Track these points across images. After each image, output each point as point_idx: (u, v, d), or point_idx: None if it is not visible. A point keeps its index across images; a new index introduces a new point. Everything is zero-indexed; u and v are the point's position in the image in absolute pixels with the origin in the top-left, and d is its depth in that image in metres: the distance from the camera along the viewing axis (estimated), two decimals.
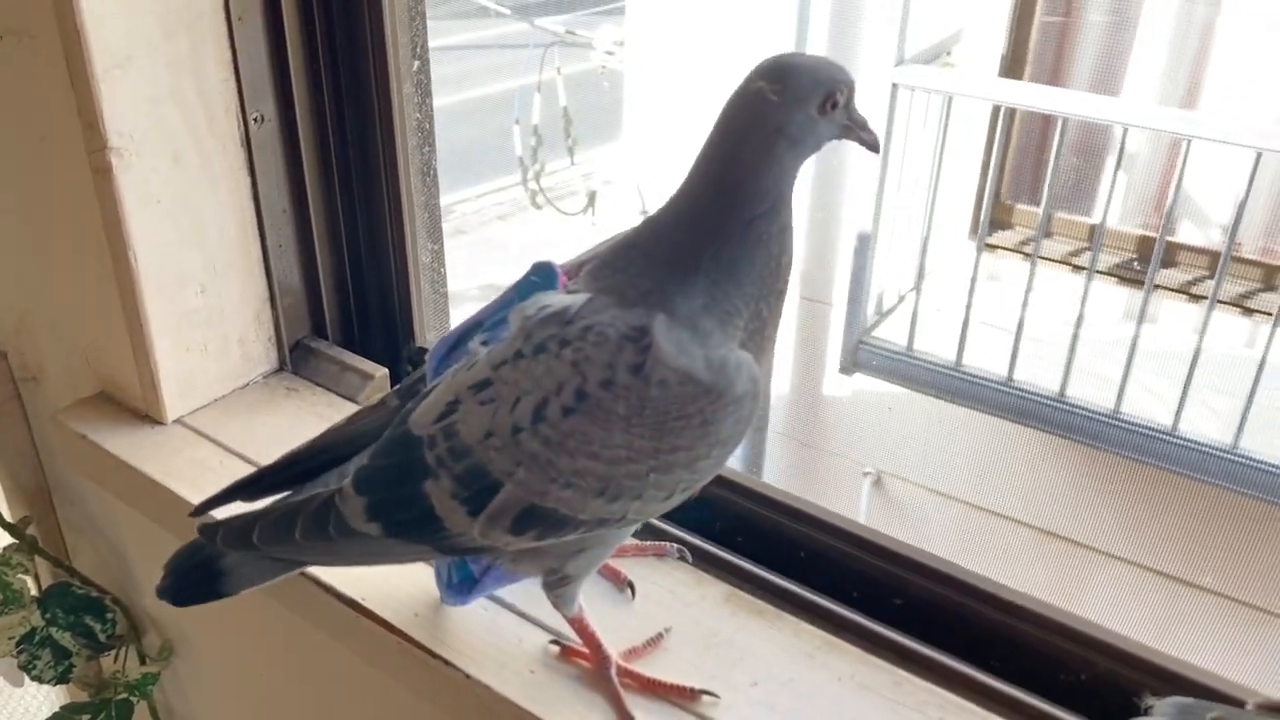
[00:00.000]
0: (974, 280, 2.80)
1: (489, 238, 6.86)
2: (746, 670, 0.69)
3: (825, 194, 3.30)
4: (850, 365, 3.04)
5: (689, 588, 0.76)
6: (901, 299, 3.10)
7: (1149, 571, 2.99)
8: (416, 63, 0.90)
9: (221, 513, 0.68)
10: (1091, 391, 2.78)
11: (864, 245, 2.94)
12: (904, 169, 2.93)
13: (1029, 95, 2.73)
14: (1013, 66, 3.00)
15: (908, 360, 2.95)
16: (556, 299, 0.61)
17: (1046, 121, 2.73)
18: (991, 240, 3.19)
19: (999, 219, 3.20)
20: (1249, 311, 2.87)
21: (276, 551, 0.66)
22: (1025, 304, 2.74)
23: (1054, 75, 3.04)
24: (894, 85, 2.76)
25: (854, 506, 3.55)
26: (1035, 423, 2.84)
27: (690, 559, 0.78)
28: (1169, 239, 3.05)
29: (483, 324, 0.65)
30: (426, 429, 0.61)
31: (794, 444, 3.69)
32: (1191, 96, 2.92)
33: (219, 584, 0.68)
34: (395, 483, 0.62)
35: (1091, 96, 2.81)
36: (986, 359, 2.89)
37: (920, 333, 2.96)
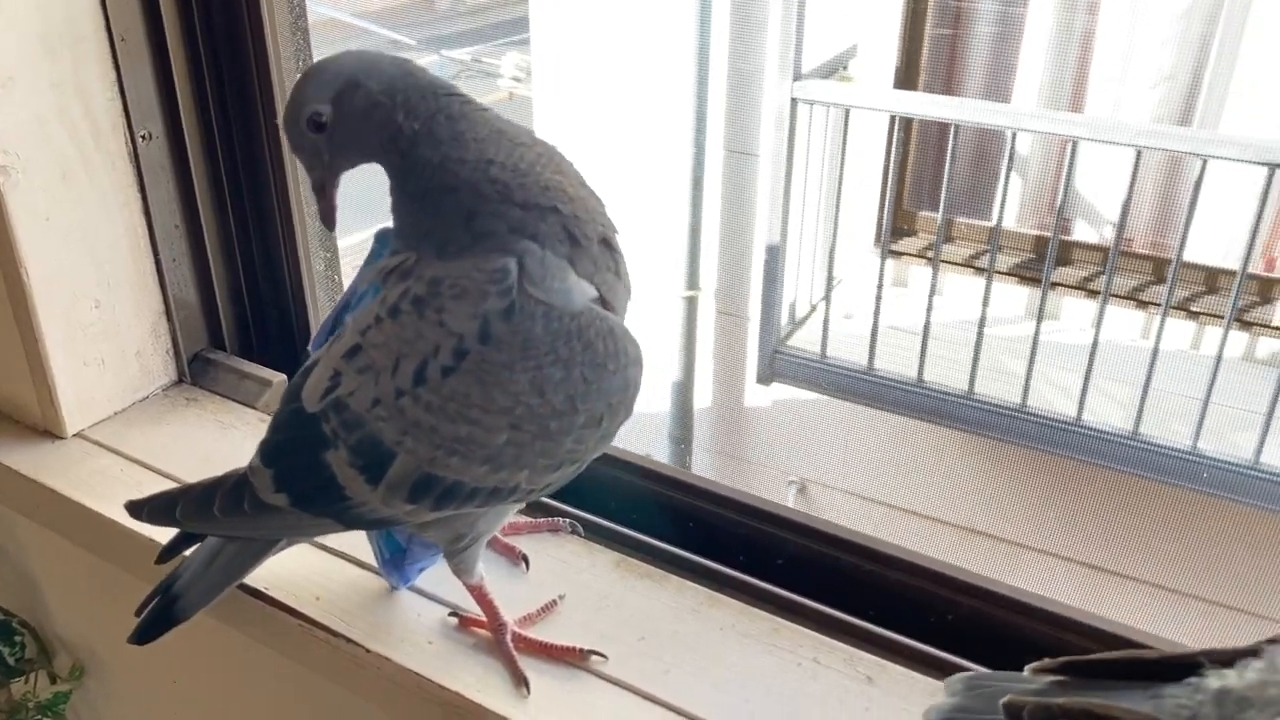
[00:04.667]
0: (880, 287, 2.89)
1: None
2: (635, 627, 0.73)
3: (736, 209, 3.39)
4: (767, 375, 3.11)
5: (581, 557, 0.79)
6: (813, 308, 3.18)
7: (1063, 560, 3.10)
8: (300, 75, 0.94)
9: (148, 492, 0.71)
10: (999, 388, 2.88)
11: (773, 257, 3.01)
12: (808, 181, 3.01)
13: (923, 105, 2.84)
14: (907, 78, 3.11)
15: (821, 367, 3.03)
16: (393, 260, 0.63)
17: (942, 130, 2.83)
18: (896, 247, 3.29)
19: (902, 226, 3.31)
20: (1143, 304, 3.00)
21: (196, 526, 0.68)
22: (930, 307, 2.83)
23: (947, 85, 3.16)
24: (793, 100, 2.85)
25: None
26: (947, 421, 2.93)
27: (583, 532, 0.81)
28: (1064, 238, 3.19)
29: (350, 303, 0.68)
30: (316, 405, 0.63)
31: (719, 457, 3.74)
32: (1077, 100, 3.06)
33: (174, 610, 0.71)
34: (297, 453, 0.64)
35: (982, 103, 2.93)
36: (897, 362, 2.98)
37: (832, 340, 3.03)
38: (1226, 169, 2.83)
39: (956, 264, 3.22)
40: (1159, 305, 2.87)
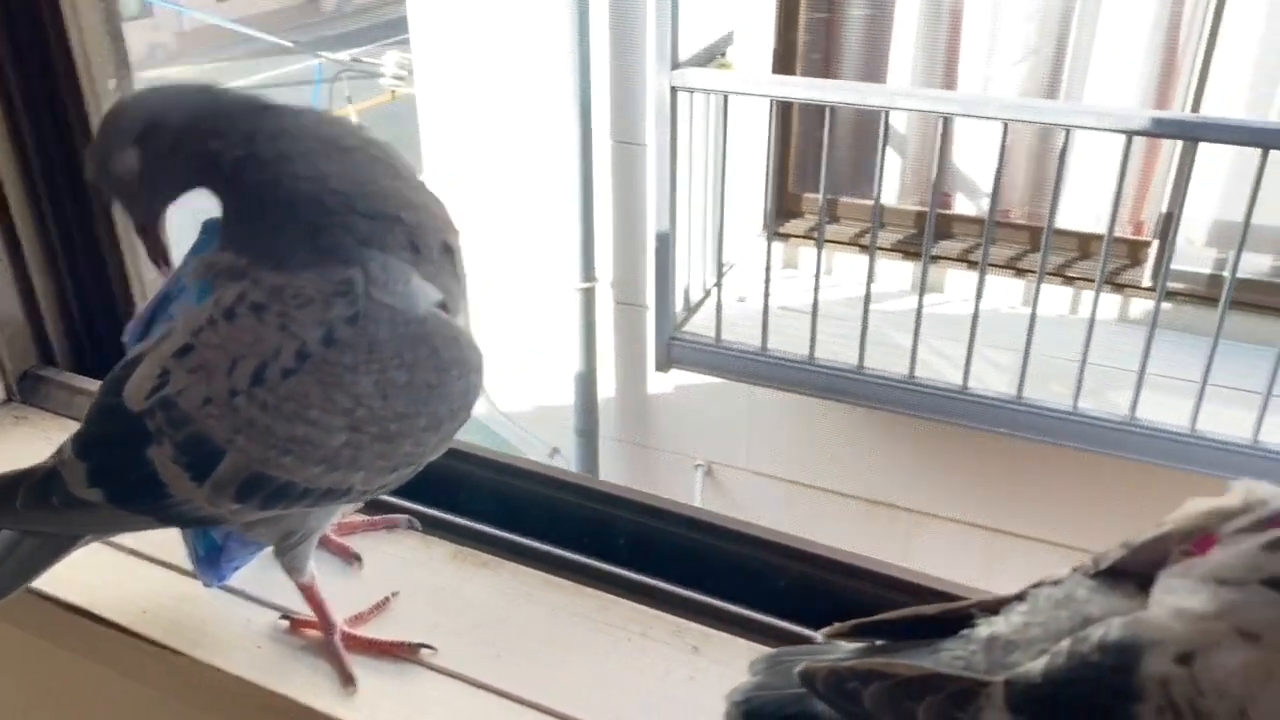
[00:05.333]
0: (768, 269, 2.93)
1: None
2: (468, 616, 0.74)
3: (627, 199, 3.40)
4: (665, 362, 3.13)
5: (418, 552, 0.80)
6: (707, 293, 3.21)
7: (961, 524, 3.19)
8: (114, 81, 0.92)
9: None
10: (888, 361, 2.94)
11: (664, 245, 3.04)
12: (693, 169, 3.04)
13: (800, 89, 2.89)
14: (784, 62, 3.16)
15: (717, 351, 3.06)
16: (222, 258, 0.63)
17: (821, 112, 2.88)
18: (784, 229, 3.35)
19: (789, 208, 3.36)
20: (1021, 272, 3.10)
21: None
22: (817, 287, 2.88)
23: (825, 68, 3.22)
24: (673, 89, 2.87)
25: (688, 498, 3.65)
26: (840, 396, 2.99)
27: (420, 527, 0.82)
28: (944, 212, 3.28)
29: (171, 292, 0.67)
30: (140, 404, 0.62)
31: (626, 446, 3.77)
32: (949, 77, 3.14)
33: None
34: (116, 448, 0.63)
35: (858, 85, 2.99)
36: (790, 342, 3.02)
37: (727, 324, 3.07)
38: (1092, 138, 2.94)
39: (843, 243, 3.29)
40: (1036, 272, 2.97)
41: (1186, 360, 2.65)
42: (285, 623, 0.73)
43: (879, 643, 0.59)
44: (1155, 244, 2.93)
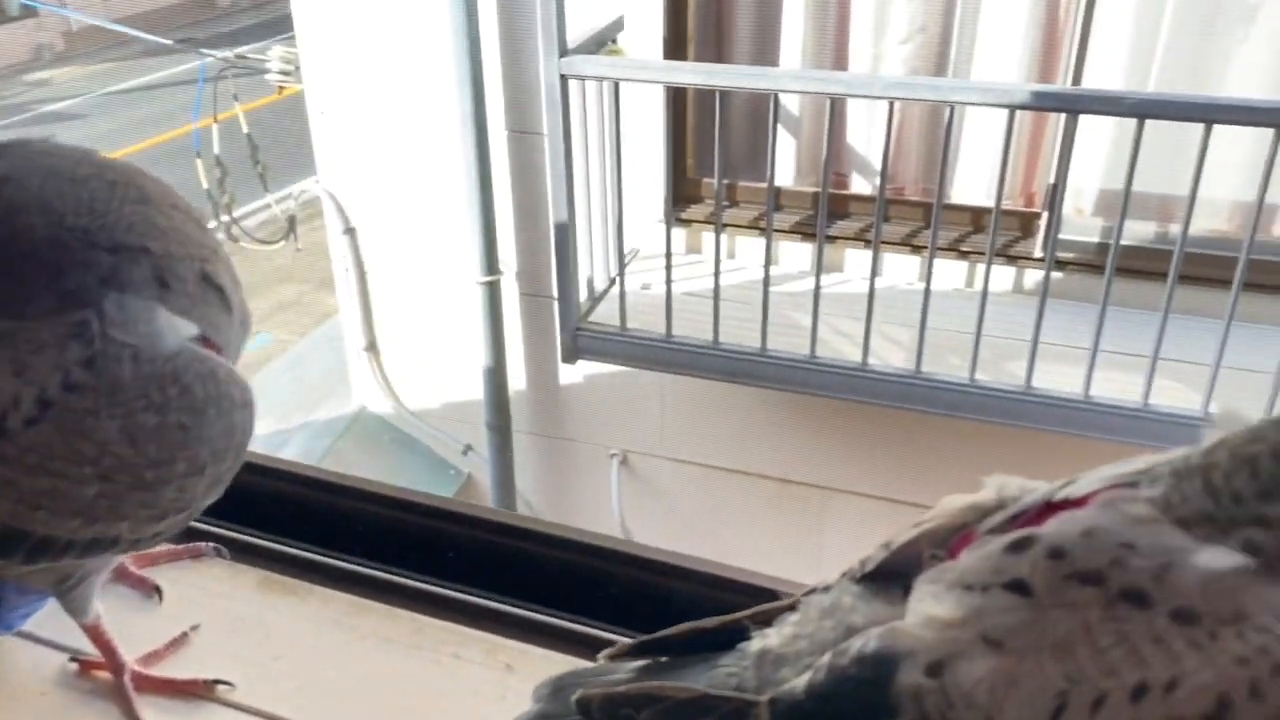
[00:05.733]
0: (668, 256, 2.92)
1: None
2: (271, 648, 0.71)
3: (526, 190, 3.37)
4: (572, 353, 3.11)
5: (222, 581, 0.76)
6: (612, 282, 3.19)
7: (868, 498, 3.23)
8: None
9: None
10: (791, 342, 2.95)
11: (564, 235, 3.01)
12: (589, 157, 3.01)
13: (689, 74, 2.87)
14: (676, 47, 3.14)
15: (623, 340, 3.04)
16: None
17: (717, 96, 2.87)
18: (685, 215, 3.34)
19: (689, 194, 3.35)
20: (917, 249, 3.13)
21: None
22: (717, 272, 2.88)
23: (717, 52, 3.21)
24: (563, 77, 2.83)
25: (605, 489, 3.64)
26: (746, 379, 3.00)
27: (227, 554, 0.78)
28: (841, 192, 3.30)
29: None
30: None
31: (540, 439, 3.74)
32: (840, 58, 3.15)
33: None
34: None
35: (747, 68, 2.99)
36: (695, 327, 3.02)
37: (632, 312, 3.05)
38: (981, 114, 2.98)
39: (743, 226, 3.29)
40: (940, 249, 3.01)
41: (1079, 328, 2.71)
42: (75, 665, 0.70)
43: (664, 659, 0.57)
44: (1045, 215, 2.97)
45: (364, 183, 3.58)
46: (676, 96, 3.19)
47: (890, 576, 0.51)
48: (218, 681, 0.67)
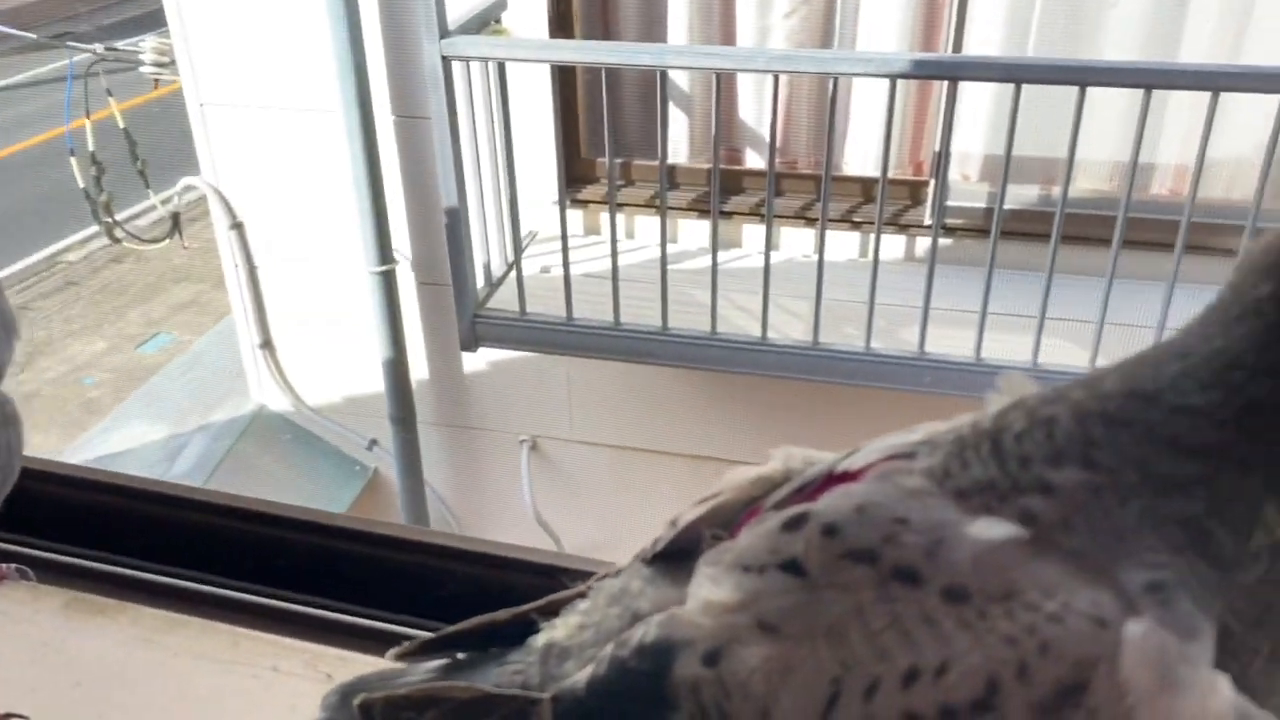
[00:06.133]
0: (564, 238, 2.88)
1: (107, 283, 6.34)
2: (73, 673, 0.67)
3: (417, 176, 3.30)
4: (471, 341, 3.06)
5: (24, 606, 0.72)
6: (510, 266, 3.15)
7: None
8: None
9: None
10: (692, 319, 2.95)
11: (455, 221, 2.95)
12: (478, 140, 2.96)
13: (570, 52, 2.84)
14: (561, 26, 3.10)
15: (523, 325, 3.01)
16: None
17: (607, 75, 2.83)
18: (581, 196, 3.31)
19: (584, 174, 3.32)
20: (812, 221, 3.14)
21: None
22: (614, 252, 2.86)
23: (604, 30, 3.18)
24: (445, 59, 2.77)
25: (515, 476, 3.60)
26: (649, 359, 2.99)
27: (32, 576, 0.74)
28: (736, 167, 3.30)
29: None
30: None
31: (447, 429, 3.68)
32: (727, 32, 3.14)
33: None
34: None
35: (630, 45, 2.96)
36: (597, 309, 2.99)
37: (533, 296, 3.02)
38: (869, 85, 3.00)
39: (640, 205, 3.27)
40: (831, 221, 3.02)
41: (971, 293, 2.74)
42: None
43: (464, 656, 0.55)
44: (933, 183, 3.00)
45: (249, 176, 3.48)
46: (565, 76, 3.16)
47: (682, 557, 0.49)
48: (11, 715, 0.63)
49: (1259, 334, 0.38)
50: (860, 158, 3.16)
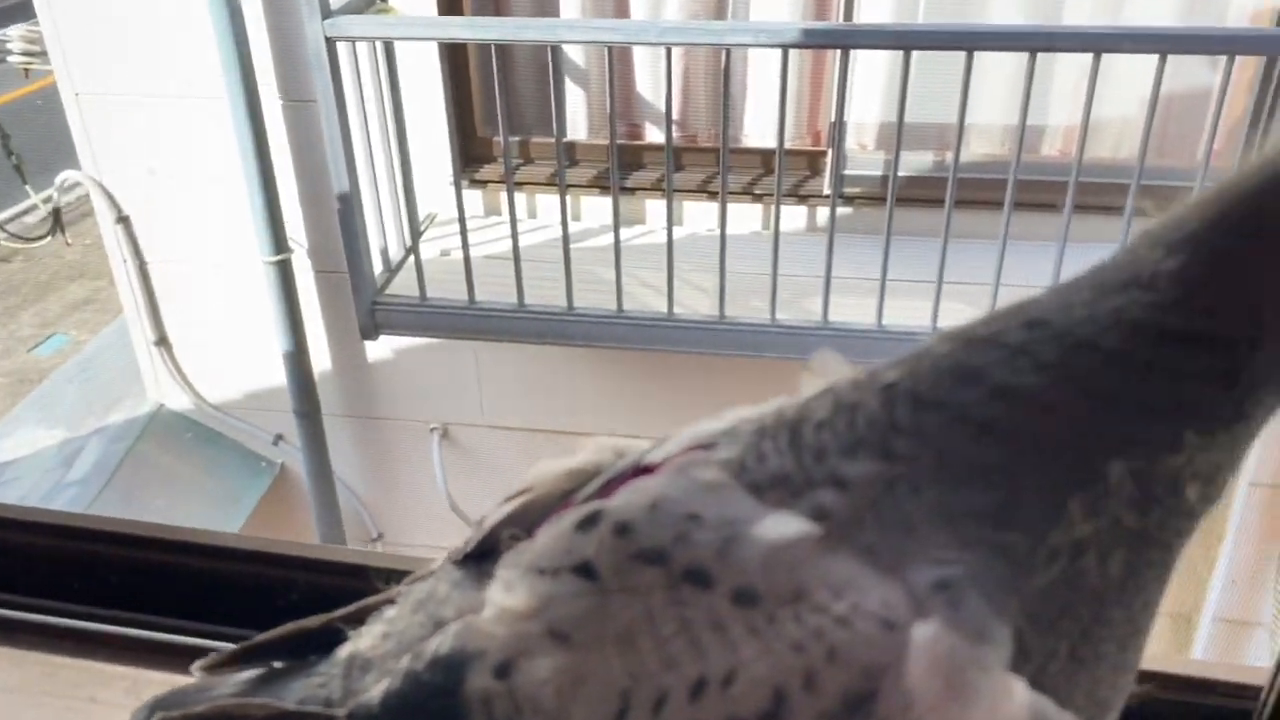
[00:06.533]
0: (462, 219, 2.82)
1: None
2: None
3: (308, 162, 3.20)
4: (371, 329, 2.99)
5: None
6: (409, 251, 3.07)
7: None
8: None
9: None
10: (598, 298, 2.92)
11: (348, 206, 2.87)
12: (369, 122, 2.88)
13: (458, 29, 2.77)
14: (451, 3, 3.02)
15: (424, 311, 2.94)
16: None
17: (500, 52, 2.77)
18: (480, 176, 3.24)
19: (481, 154, 3.26)
20: (714, 195, 3.12)
21: None
22: (514, 232, 2.81)
23: (495, 6, 3.11)
24: (328, 39, 2.68)
25: (428, 464, 3.54)
26: (556, 339, 2.95)
27: None
28: (637, 142, 3.26)
29: None
30: None
31: (354, 421, 3.60)
32: (621, 5, 3.09)
33: None
34: None
35: (518, 20, 2.90)
36: (500, 291, 2.94)
37: (434, 281, 2.95)
38: (766, 57, 2.99)
39: (541, 184, 3.22)
40: (732, 194, 3.02)
41: (872, 261, 2.76)
42: None
43: (278, 667, 0.52)
44: (831, 153, 3.01)
45: (132, 168, 3.34)
46: (456, 54, 3.09)
47: (493, 558, 0.46)
48: None
49: (1137, 314, 0.36)
50: (759, 130, 3.15)
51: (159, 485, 3.54)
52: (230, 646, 0.53)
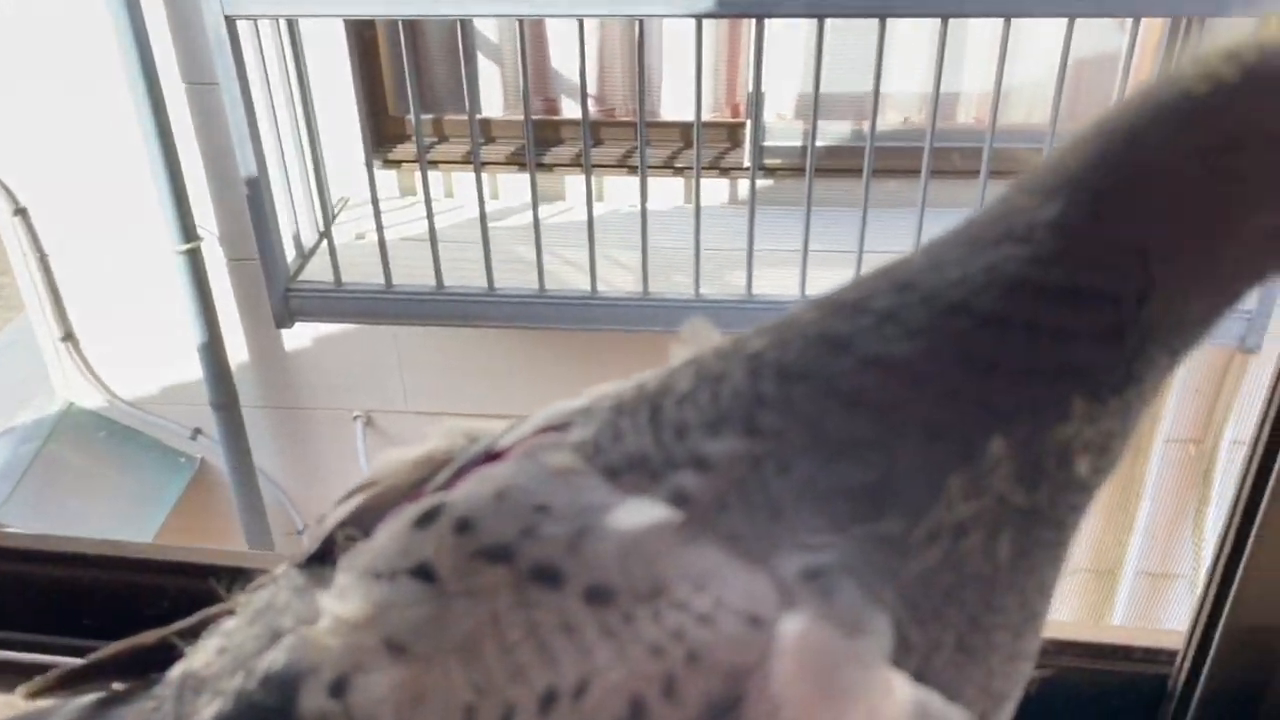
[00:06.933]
0: (375, 201, 2.75)
1: None
2: None
3: (214, 147, 3.09)
4: (285, 317, 2.90)
5: None
6: (322, 236, 2.99)
7: None
8: None
9: None
10: (519, 278, 2.87)
11: (257, 191, 2.78)
12: (275, 104, 2.79)
13: (362, 5, 2.68)
14: None
15: (340, 296, 2.87)
16: None
17: (409, 27, 2.69)
18: (394, 156, 3.17)
19: (395, 133, 3.18)
20: (632, 169, 3.09)
21: None
22: (430, 213, 2.74)
23: None
24: (228, 18, 2.58)
25: (352, 454, 3.47)
26: (477, 321, 2.90)
27: None
28: (553, 118, 3.21)
29: None
30: None
31: (275, 412, 3.51)
32: None
33: None
34: None
35: None
36: (418, 274, 2.88)
37: (350, 265, 2.88)
38: (682, 28, 2.95)
39: (456, 162, 3.15)
40: (653, 168, 2.98)
41: (794, 232, 2.75)
42: None
43: (123, 688, 0.47)
44: (749, 124, 2.99)
45: (30, 157, 3.19)
46: (364, 30, 3.00)
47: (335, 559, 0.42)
48: None
49: (1013, 270, 0.33)
50: (678, 102, 3.12)
51: (72, 486, 3.42)
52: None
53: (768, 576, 0.32)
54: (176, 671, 0.43)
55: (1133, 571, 3.13)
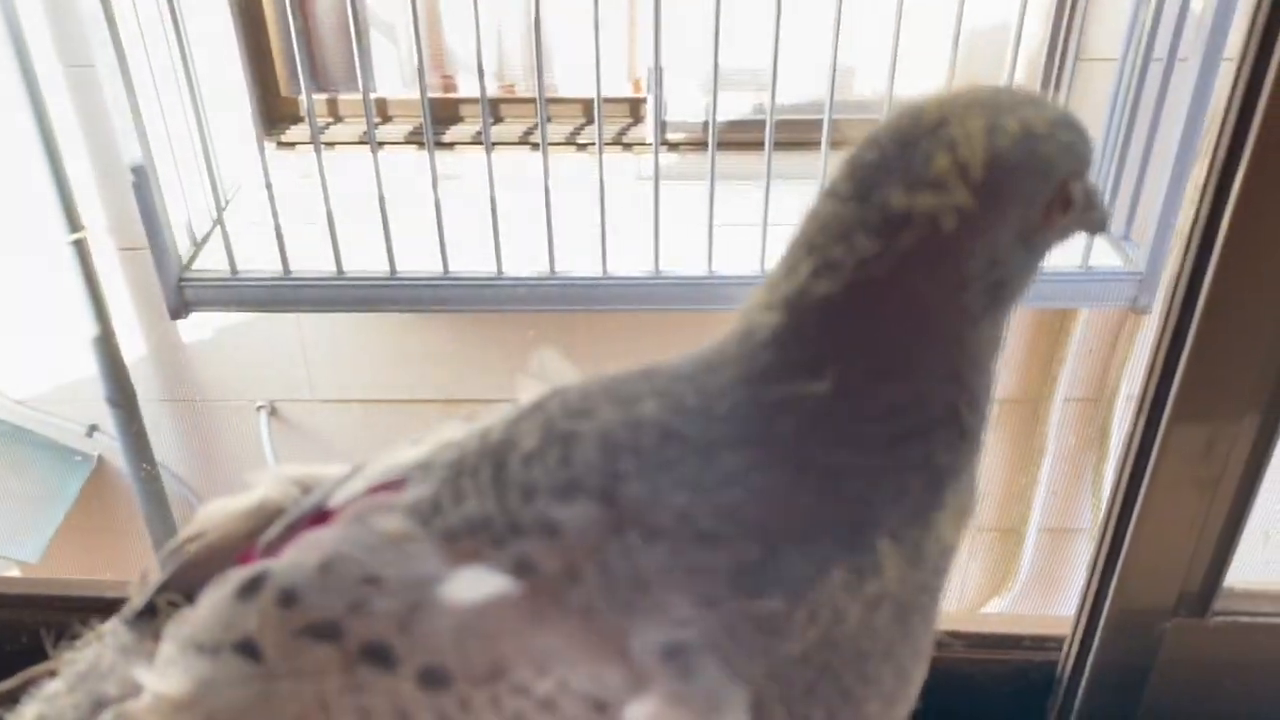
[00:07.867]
0: (268, 184, 2.66)
1: None
2: None
3: (96, 132, 2.96)
4: (180, 307, 2.80)
5: None
6: (215, 223, 2.89)
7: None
8: None
9: None
10: (422, 260, 2.81)
11: (143, 178, 2.66)
12: (159, 87, 2.67)
13: None
14: None
15: (236, 285, 2.78)
16: None
17: (297, 3, 2.60)
18: (287, 138, 3.07)
19: (287, 114, 3.08)
20: (534, 146, 3.05)
21: None
22: (326, 197, 2.66)
23: None
24: None
25: (257, 445, 3.39)
26: (380, 306, 2.84)
27: None
28: (451, 95, 3.14)
29: None
30: None
31: (175, 405, 3.40)
32: None
33: None
34: None
35: None
36: (318, 259, 2.80)
37: (244, 252, 2.79)
38: (576, 3, 2.90)
39: (353, 143, 3.07)
40: (554, 144, 2.95)
41: (699, 207, 2.74)
42: None
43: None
44: (650, 99, 2.96)
45: None
46: (251, 6, 2.89)
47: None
48: None
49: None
50: (578, 77, 3.08)
51: None
52: None
53: (618, 656, 0.31)
54: (44, 693, 0.41)
55: (1036, 529, 3.23)
